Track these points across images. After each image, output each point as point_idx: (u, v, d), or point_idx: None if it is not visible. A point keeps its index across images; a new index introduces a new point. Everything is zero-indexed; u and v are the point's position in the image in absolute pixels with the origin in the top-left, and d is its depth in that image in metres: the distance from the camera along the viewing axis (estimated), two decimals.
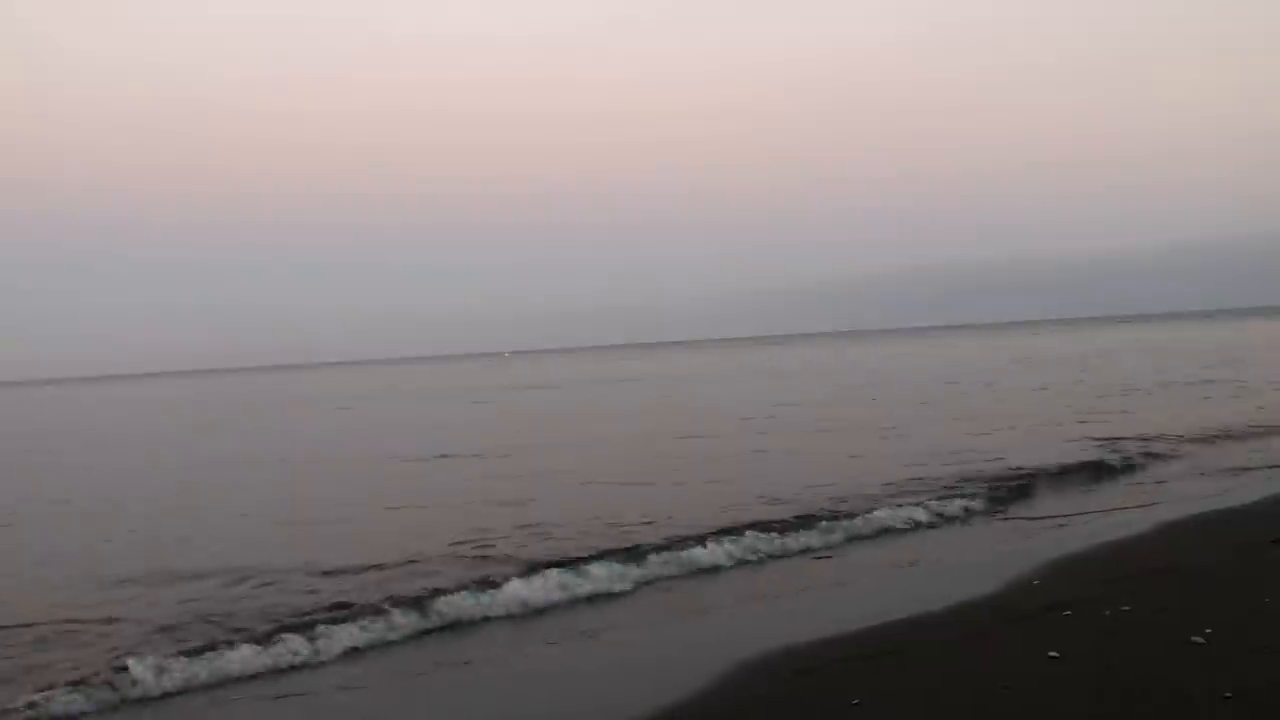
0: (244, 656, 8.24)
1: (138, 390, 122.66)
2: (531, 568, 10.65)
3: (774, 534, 11.97)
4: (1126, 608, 7.50)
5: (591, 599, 10.05)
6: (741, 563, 11.23)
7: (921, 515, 13.10)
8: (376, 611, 9.19)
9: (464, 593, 9.77)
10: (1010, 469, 16.24)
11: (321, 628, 8.76)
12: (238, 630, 8.91)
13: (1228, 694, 5.57)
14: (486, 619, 9.43)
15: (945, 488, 14.75)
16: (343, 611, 9.28)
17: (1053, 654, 6.55)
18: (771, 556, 11.47)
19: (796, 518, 12.77)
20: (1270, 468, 15.37)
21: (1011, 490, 14.74)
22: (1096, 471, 16.42)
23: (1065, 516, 12.84)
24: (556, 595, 10.02)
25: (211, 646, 8.40)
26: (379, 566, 11.24)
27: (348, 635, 8.72)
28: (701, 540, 11.61)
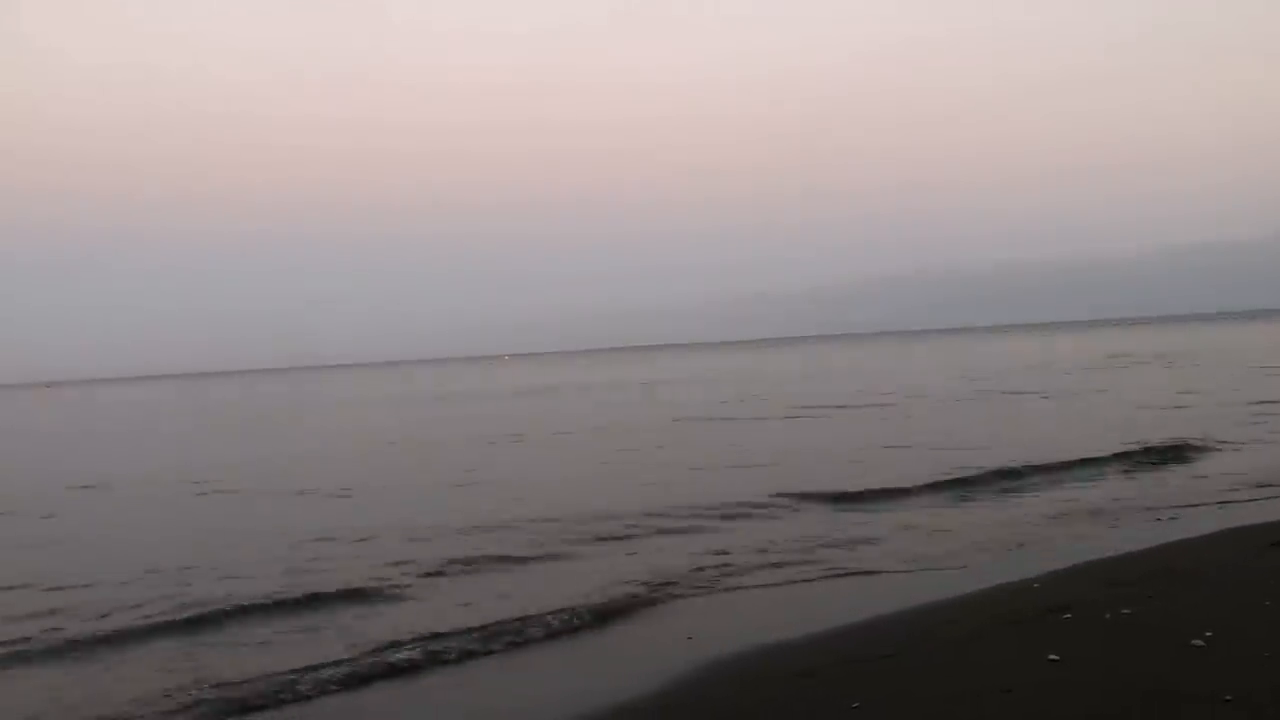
0: None
1: (175, 392, 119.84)
2: None
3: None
4: (1127, 610, 7.48)
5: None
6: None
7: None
8: None
9: None
10: None
11: None
12: None
13: (1228, 697, 5.55)
14: None
15: None
16: None
17: (1052, 657, 6.53)
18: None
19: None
20: None
21: None
22: None
23: None
24: None
25: None
26: None
27: None
28: None
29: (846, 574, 10.65)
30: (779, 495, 15.08)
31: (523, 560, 11.53)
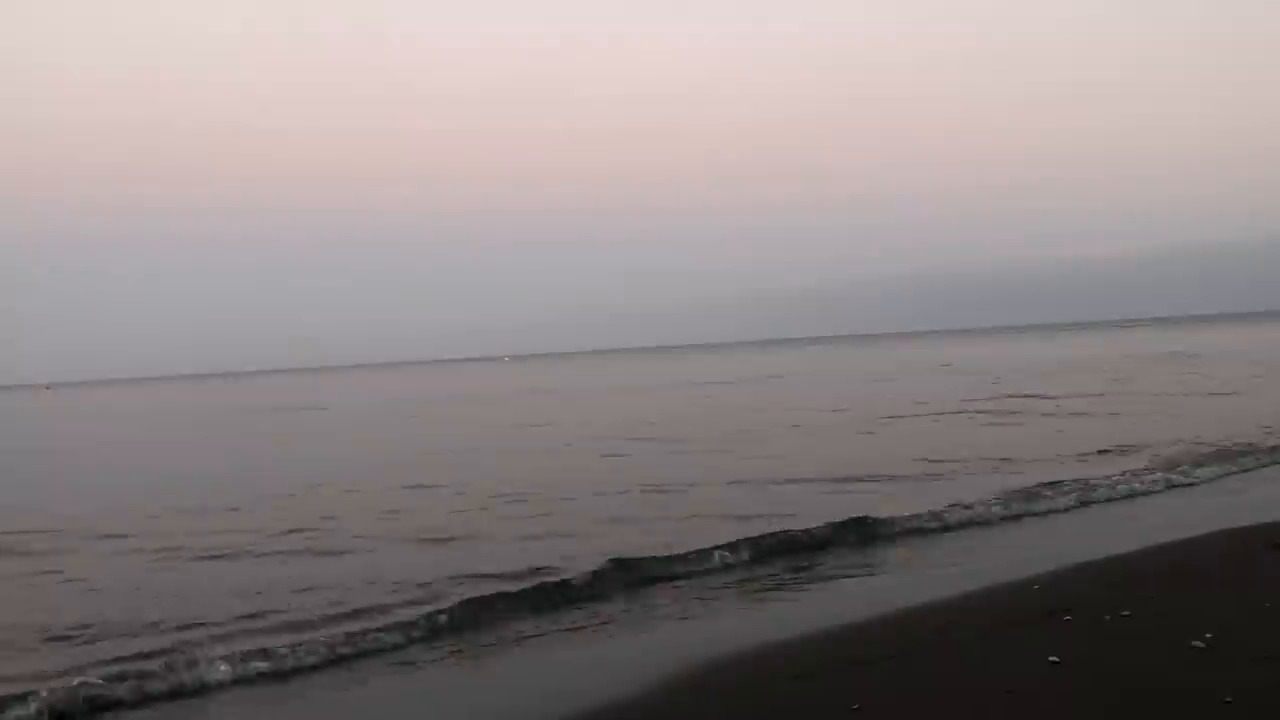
0: None
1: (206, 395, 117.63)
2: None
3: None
4: (1127, 612, 7.47)
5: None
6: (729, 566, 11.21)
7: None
8: None
9: None
10: None
11: None
12: None
13: (1228, 698, 5.55)
14: None
15: None
16: None
17: (1053, 659, 6.52)
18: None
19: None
20: None
21: None
22: None
23: None
24: None
25: None
26: None
27: None
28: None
29: (845, 575, 10.66)
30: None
31: (520, 569, 11.50)
